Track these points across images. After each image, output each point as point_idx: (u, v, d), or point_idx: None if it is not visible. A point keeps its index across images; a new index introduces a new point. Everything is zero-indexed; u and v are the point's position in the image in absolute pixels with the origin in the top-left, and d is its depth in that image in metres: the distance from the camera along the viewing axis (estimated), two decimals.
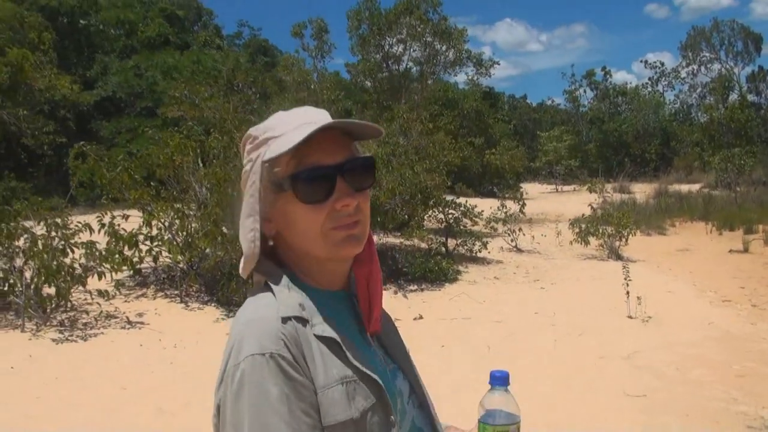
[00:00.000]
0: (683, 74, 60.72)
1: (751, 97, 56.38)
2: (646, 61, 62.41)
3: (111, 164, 11.20)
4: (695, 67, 59.83)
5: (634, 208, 25.74)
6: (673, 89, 62.55)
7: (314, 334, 1.26)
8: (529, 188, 41.79)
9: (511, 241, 16.72)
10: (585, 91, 57.83)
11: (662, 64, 64.50)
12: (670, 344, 8.47)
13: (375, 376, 1.28)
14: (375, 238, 14.42)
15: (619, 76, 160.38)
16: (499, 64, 46.93)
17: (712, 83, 54.22)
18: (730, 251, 17.45)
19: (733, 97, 52.62)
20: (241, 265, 1.37)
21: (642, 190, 34.80)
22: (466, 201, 15.71)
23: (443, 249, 14.73)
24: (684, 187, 34.99)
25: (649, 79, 62.19)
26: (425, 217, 15.19)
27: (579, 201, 27.62)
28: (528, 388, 6.83)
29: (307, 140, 1.24)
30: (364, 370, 1.27)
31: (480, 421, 1.35)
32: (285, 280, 1.33)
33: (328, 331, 1.27)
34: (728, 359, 7.94)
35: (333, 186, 1.29)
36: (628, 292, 9.87)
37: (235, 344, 1.23)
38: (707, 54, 58.93)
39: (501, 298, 11.26)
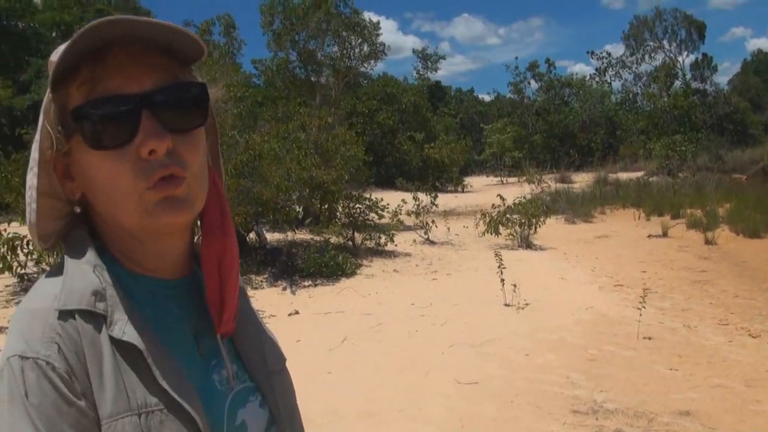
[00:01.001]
0: (628, 64, 61.35)
1: (695, 84, 56.95)
2: (592, 52, 62.52)
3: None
4: (639, 56, 60.43)
5: (566, 197, 25.73)
6: (621, 79, 62.86)
7: (111, 336, 0.90)
8: (475, 181, 42.06)
9: (424, 233, 16.48)
10: (529, 83, 58.04)
11: (609, 54, 64.83)
12: (533, 331, 8.27)
13: (189, 408, 0.91)
14: (278, 235, 14.15)
15: (577, 68, 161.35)
16: (444, 59, 47.30)
17: (655, 72, 54.55)
18: (649, 236, 17.40)
19: (678, 84, 53.04)
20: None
21: (584, 180, 34.89)
22: (370, 194, 15.42)
23: (350, 243, 14.51)
24: (627, 175, 35.12)
25: (597, 69, 62.70)
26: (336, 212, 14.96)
27: (518, 192, 27.51)
28: (362, 376, 6.62)
29: (77, 45, 0.86)
30: (175, 396, 0.90)
31: None
32: (89, 256, 0.96)
33: (131, 335, 0.90)
34: (588, 343, 7.75)
35: (136, 124, 0.90)
36: (502, 280, 9.69)
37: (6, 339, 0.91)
38: (651, 43, 59.49)
39: (387, 291, 11.01)
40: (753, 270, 13.08)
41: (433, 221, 16.72)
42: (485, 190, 35.34)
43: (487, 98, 69.04)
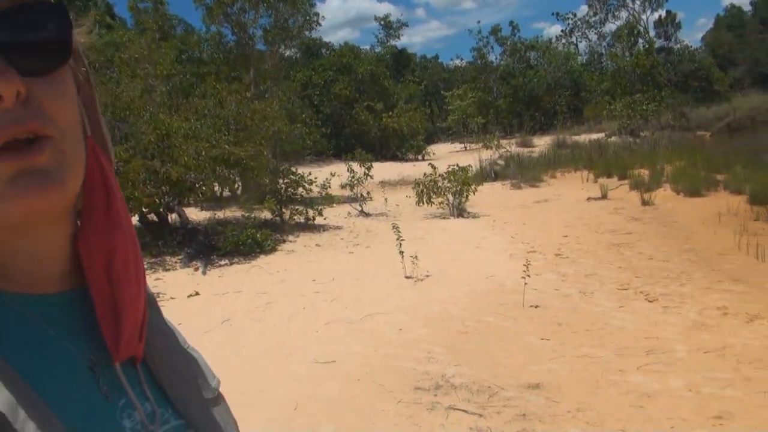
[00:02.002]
0: (593, 24, 61.08)
1: (660, 42, 56.84)
2: (558, 14, 62.10)
3: None
4: (602, 16, 60.12)
5: (519, 161, 25.64)
6: (588, 40, 62.56)
7: None
8: (440, 148, 41.83)
9: (359, 205, 16.34)
10: (492, 48, 57.65)
11: (574, 15, 64.35)
12: (420, 304, 8.18)
13: None
14: (207, 214, 14.00)
15: (554, 30, 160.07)
16: (407, 26, 46.97)
17: (618, 31, 54.40)
18: (588, 199, 17.32)
19: (641, 43, 52.86)
20: None
21: (545, 143, 34.83)
22: (295, 168, 15.22)
23: (278, 219, 14.36)
24: (590, 137, 35.03)
25: (562, 30, 62.38)
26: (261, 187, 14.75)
27: (476, 158, 27.30)
28: (222, 359, 6.48)
29: None
30: None
31: None
32: None
33: None
34: (469, 315, 7.66)
35: None
36: (401, 253, 9.58)
37: None
38: (614, 2, 59.16)
39: (297, 267, 10.89)
40: (679, 230, 13.01)
41: (368, 193, 16.57)
42: (447, 158, 35.11)
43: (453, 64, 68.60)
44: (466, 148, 40.28)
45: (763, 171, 18.62)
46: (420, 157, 34.83)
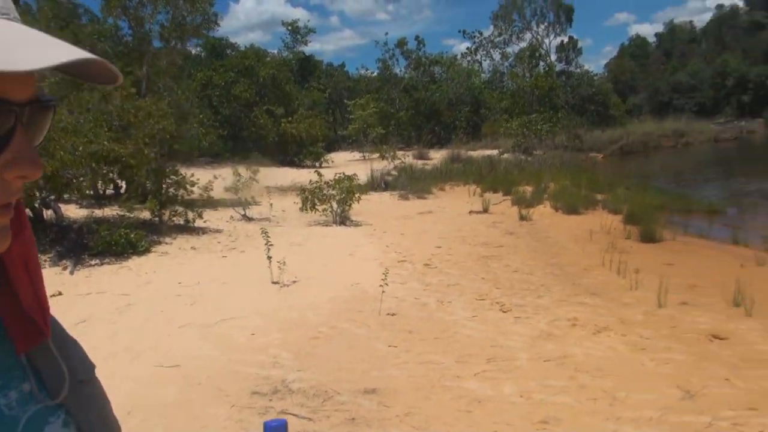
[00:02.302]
0: (497, 44, 62.97)
1: (561, 66, 58.99)
2: (464, 31, 63.63)
3: None
4: (507, 36, 62.01)
5: (411, 173, 26.08)
6: (492, 59, 64.34)
7: None
8: (339, 156, 42.03)
9: (242, 209, 16.31)
10: (397, 60, 58.46)
11: (480, 33, 65.96)
12: (280, 309, 8.28)
13: None
14: (86, 211, 13.41)
15: (464, 46, 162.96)
16: (315, 32, 47.21)
17: (520, 52, 56.18)
18: (470, 212, 17.78)
19: (542, 65, 54.79)
20: None
21: (441, 156, 35.45)
22: (178, 168, 15.04)
23: (157, 220, 14.18)
24: (484, 153, 35.87)
25: (468, 48, 63.84)
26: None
27: (378, 168, 27.50)
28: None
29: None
30: None
31: None
32: None
33: None
34: (325, 321, 7.81)
35: (11, 135, 0.70)
36: (269, 258, 9.65)
37: None
38: (519, 24, 61.22)
39: (166, 269, 10.80)
40: (550, 246, 13.52)
41: (253, 197, 16.56)
42: (345, 166, 35.31)
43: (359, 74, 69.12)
44: (365, 157, 40.58)
45: (643, 192, 19.62)
46: (318, 165, 34.93)
